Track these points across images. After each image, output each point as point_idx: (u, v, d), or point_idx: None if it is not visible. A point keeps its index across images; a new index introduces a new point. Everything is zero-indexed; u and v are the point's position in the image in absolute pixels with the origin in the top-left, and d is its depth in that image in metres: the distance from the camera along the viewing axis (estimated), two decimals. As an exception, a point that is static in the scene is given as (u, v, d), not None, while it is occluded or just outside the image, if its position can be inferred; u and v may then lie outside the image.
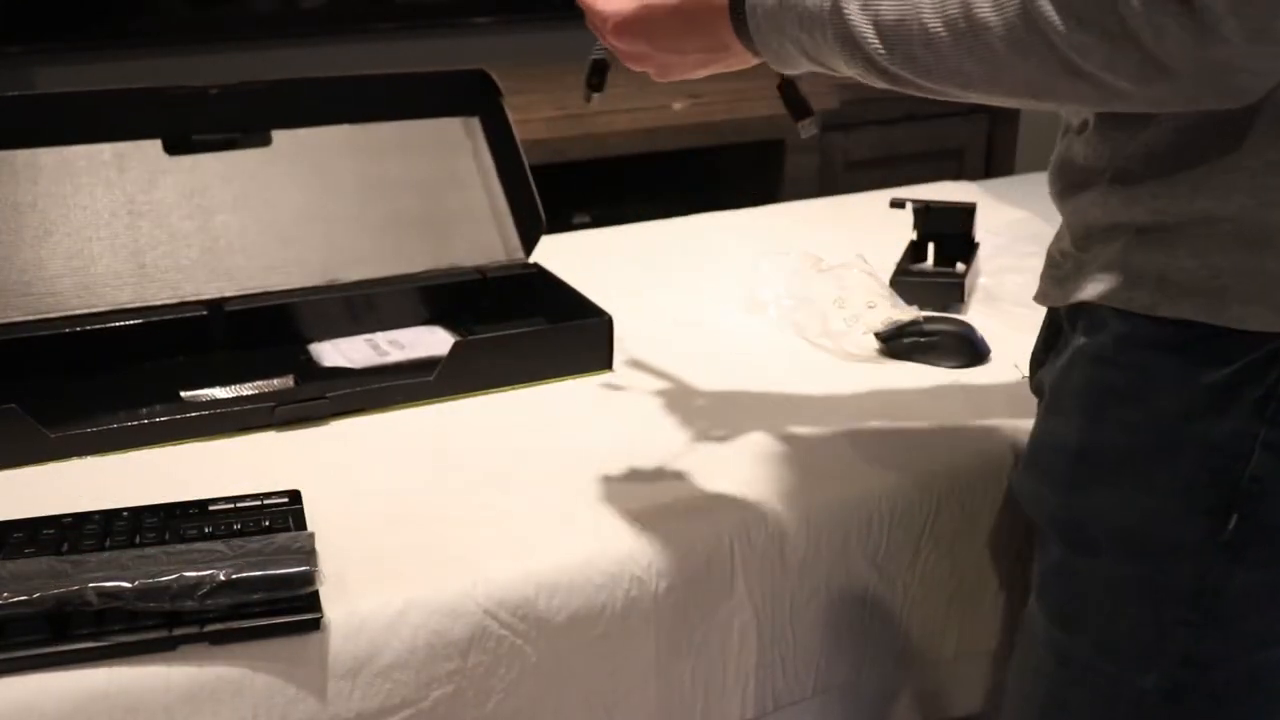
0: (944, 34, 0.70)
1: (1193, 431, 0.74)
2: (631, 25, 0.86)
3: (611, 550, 0.88)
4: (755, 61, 0.85)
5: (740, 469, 0.99)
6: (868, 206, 1.66)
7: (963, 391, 1.12)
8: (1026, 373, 0.95)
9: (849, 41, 0.74)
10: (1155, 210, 0.74)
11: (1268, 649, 0.76)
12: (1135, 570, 0.77)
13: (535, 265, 1.33)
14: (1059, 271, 0.83)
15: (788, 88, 0.94)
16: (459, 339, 1.21)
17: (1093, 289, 0.78)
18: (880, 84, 0.76)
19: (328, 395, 1.09)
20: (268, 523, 0.86)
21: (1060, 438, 0.81)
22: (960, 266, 1.34)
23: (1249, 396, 0.72)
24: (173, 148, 1.25)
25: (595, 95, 0.98)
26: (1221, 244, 0.72)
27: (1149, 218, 0.75)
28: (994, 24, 0.68)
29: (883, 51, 0.73)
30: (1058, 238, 0.85)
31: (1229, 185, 0.72)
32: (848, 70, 0.77)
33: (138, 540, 0.83)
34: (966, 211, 1.38)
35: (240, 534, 0.83)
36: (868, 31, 0.73)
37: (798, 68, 0.82)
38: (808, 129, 0.95)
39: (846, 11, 0.74)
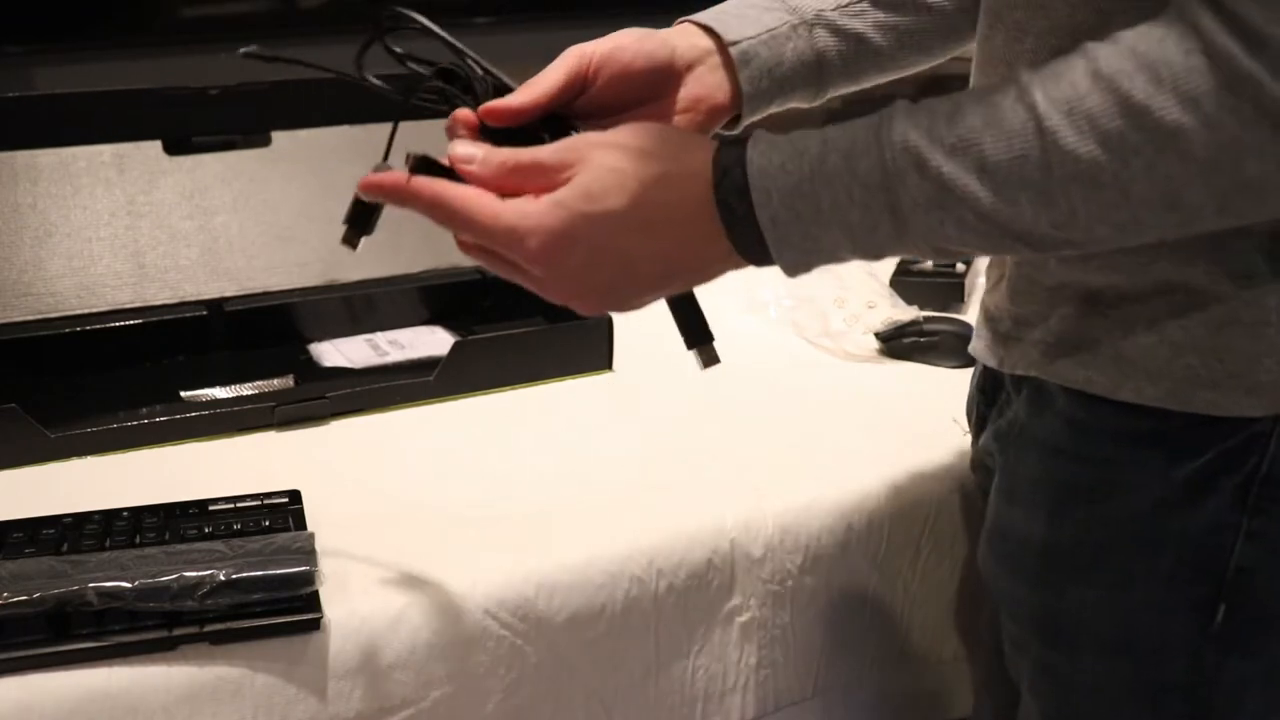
0: (1102, 157, 0.55)
1: (1168, 526, 0.68)
2: (564, 241, 0.63)
3: (611, 550, 0.88)
4: (730, 270, 0.65)
5: (740, 469, 0.99)
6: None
7: (963, 391, 1.12)
8: (967, 428, 0.91)
9: (938, 204, 0.58)
10: (1110, 269, 0.66)
11: None
12: (1124, 669, 0.72)
13: (535, 265, 1.33)
14: (998, 327, 0.75)
15: (682, 303, 0.70)
16: (459, 339, 1.21)
17: (1042, 363, 0.71)
18: (978, 251, 0.63)
19: (328, 395, 1.09)
20: (268, 523, 0.86)
21: (1022, 531, 0.75)
22: (960, 266, 1.34)
23: (1227, 485, 0.66)
24: (173, 148, 1.25)
25: (362, 239, 0.76)
26: (1183, 319, 0.65)
27: (1102, 280, 0.67)
28: (1188, 125, 0.53)
29: (999, 205, 0.57)
30: (992, 288, 0.77)
31: (1192, 249, 0.63)
32: (921, 246, 0.61)
33: (138, 540, 0.83)
34: (966, 211, 1.38)
35: (240, 534, 0.83)
36: (970, 183, 0.57)
37: (816, 266, 0.63)
38: (708, 357, 0.72)
39: (931, 163, 0.58)
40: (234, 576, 0.76)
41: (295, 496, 0.90)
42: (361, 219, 0.74)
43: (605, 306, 0.68)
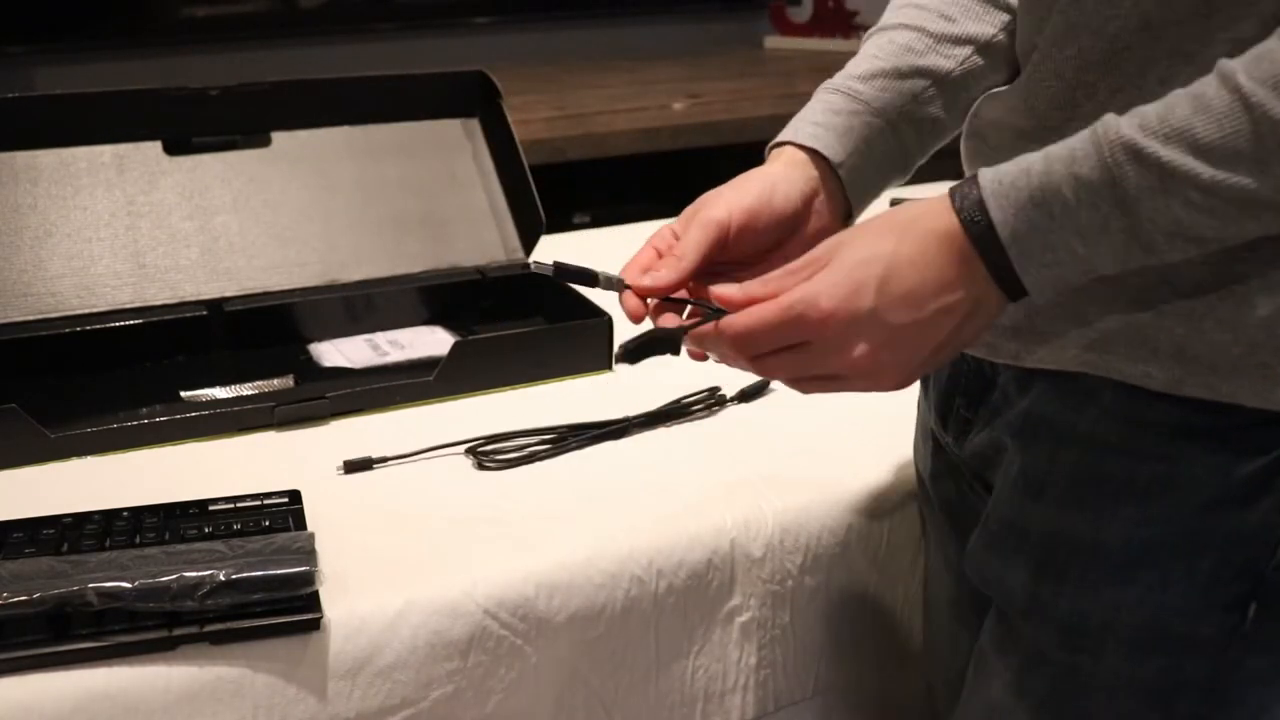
0: None
1: (1219, 524, 0.68)
2: (852, 286, 0.66)
3: (611, 550, 0.88)
4: (1001, 311, 0.68)
5: (740, 468, 0.99)
6: (868, 206, 1.65)
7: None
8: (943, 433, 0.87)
9: (1162, 189, 0.60)
10: (1187, 262, 0.65)
11: (1266, 716, 0.72)
12: (1144, 669, 0.71)
13: (535, 265, 1.33)
14: (1003, 319, 0.73)
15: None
16: (459, 339, 1.21)
17: (1087, 358, 0.71)
18: (1214, 234, 0.62)
19: (328, 395, 1.09)
20: (268, 523, 0.86)
21: (1053, 530, 0.73)
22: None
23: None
24: (172, 149, 1.25)
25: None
26: (1261, 312, 0.65)
27: (1158, 269, 0.66)
28: None
29: (1218, 177, 0.59)
30: None
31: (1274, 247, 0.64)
32: (1156, 240, 0.62)
33: (138, 540, 0.83)
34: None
35: (240, 534, 0.84)
36: (1187, 162, 0.60)
37: (1062, 284, 0.66)
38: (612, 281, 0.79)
39: (1148, 151, 0.60)
40: (234, 576, 0.76)
41: (295, 496, 0.90)
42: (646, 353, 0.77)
43: (888, 380, 0.69)
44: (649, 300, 0.77)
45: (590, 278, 0.78)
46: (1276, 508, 0.67)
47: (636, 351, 0.74)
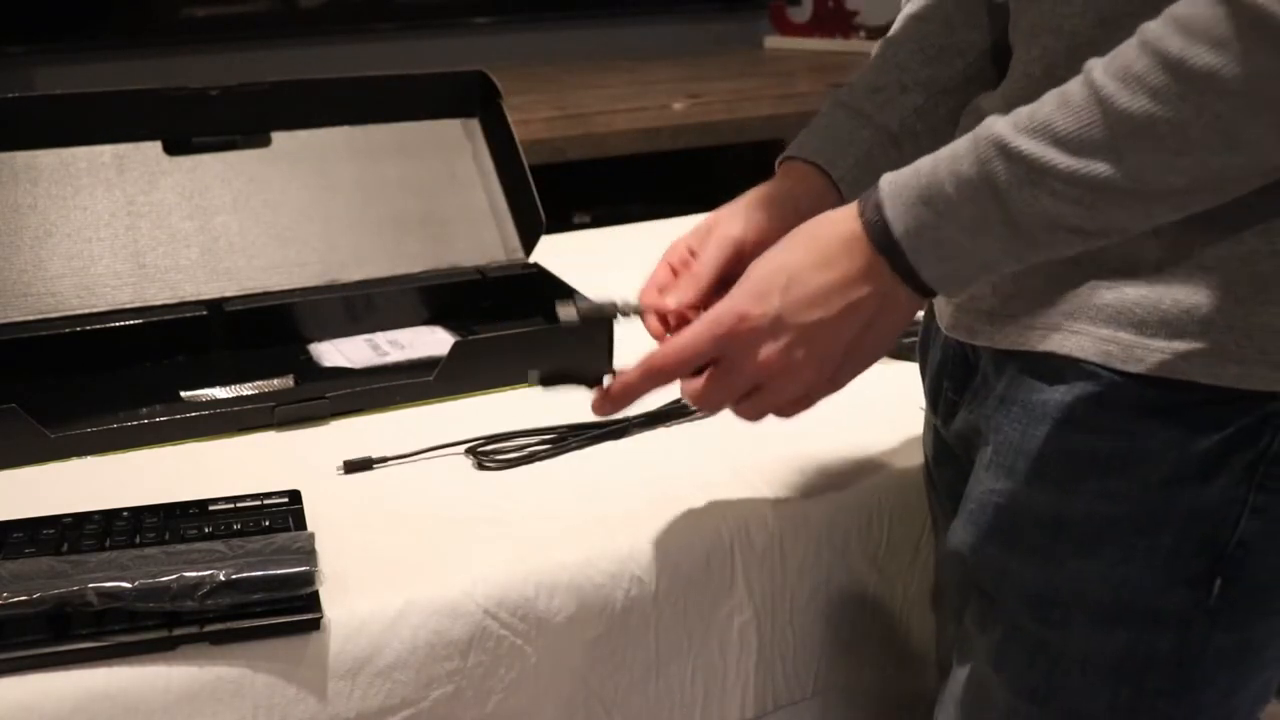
0: (1154, 110, 0.60)
1: (1179, 500, 0.70)
2: (764, 283, 0.72)
3: (611, 550, 0.88)
4: (915, 306, 0.72)
5: (740, 468, 0.99)
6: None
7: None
8: (934, 416, 0.89)
9: (1029, 181, 0.63)
10: (1131, 241, 0.68)
11: (1236, 697, 0.74)
12: (1113, 643, 0.73)
13: (535, 265, 1.34)
14: (980, 304, 0.76)
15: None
16: (459, 339, 1.21)
17: (1052, 339, 0.72)
18: (1087, 225, 0.64)
19: (328, 395, 1.09)
20: (268, 523, 0.86)
21: (1021, 503, 0.75)
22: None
23: (1239, 462, 0.69)
24: (172, 149, 1.25)
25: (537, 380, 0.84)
26: (1214, 292, 0.67)
27: (1119, 252, 0.69)
28: (1222, 65, 0.58)
29: (1076, 167, 0.62)
30: None
31: (1238, 223, 0.66)
32: (1036, 232, 0.65)
33: (138, 540, 0.83)
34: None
35: (240, 534, 0.83)
36: (1048, 153, 0.63)
37: (961, 280, 0.69)
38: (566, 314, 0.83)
39: (1012, 145, 0.64)
40: (234, 576, 0.76)
41: (295, 496, 0.90)
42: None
43: (829, 340, 0.72)
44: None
45: (611, 315, 0.83)
46: (1235, 484, 0.69)
47: (552, 379, 0.81)
